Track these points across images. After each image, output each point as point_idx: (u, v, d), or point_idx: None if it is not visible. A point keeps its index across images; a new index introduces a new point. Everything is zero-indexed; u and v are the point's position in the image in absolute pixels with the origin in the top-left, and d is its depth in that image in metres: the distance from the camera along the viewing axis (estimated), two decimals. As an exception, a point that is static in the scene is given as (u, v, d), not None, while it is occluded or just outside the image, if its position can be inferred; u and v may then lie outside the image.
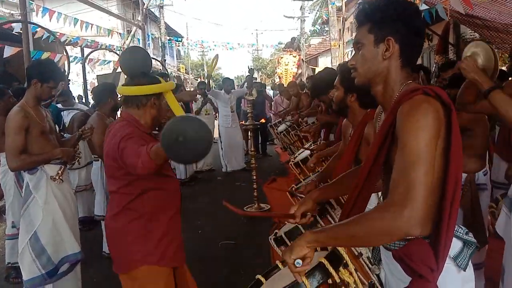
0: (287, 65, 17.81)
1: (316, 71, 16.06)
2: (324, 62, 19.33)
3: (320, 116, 4.07)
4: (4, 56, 5.91)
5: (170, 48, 23.58)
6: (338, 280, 1.12)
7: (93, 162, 4.34)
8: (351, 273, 1.18)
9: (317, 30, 23.91)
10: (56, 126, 4.12)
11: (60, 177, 2.98)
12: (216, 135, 11.81)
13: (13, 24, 6.72)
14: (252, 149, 6.02)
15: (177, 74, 25.79)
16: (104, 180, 4.00)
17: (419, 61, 9.92)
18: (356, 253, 1.70)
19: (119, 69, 9.25)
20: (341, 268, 1.16)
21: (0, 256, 4.38)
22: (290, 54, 17.90)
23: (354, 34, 1.54)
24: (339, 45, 14.02)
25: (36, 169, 2.90)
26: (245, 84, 8.90)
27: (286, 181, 7.31)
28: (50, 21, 7.33)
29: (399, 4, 1.34)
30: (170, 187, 2.22)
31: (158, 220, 2.14)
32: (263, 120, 7.09)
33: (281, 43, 21.63)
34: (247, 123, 5.99)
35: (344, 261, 1.17)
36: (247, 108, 5.99)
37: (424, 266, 1.23)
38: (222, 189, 7.28)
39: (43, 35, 6.85)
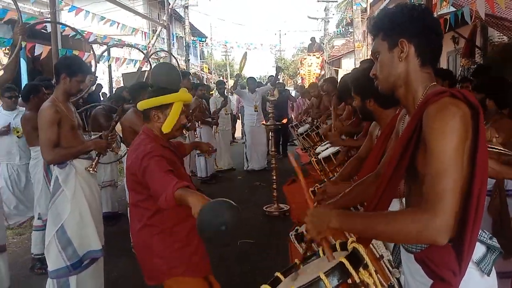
0: (310, 66, 17.76)
1: (339, 73, 15.98)
2: (347, 64, 19.16)
3: (335, 140, 3.71)
4: (35, 54, 6.08)
5: (194, 48, 23.80)
6: (357, 281, 1.12)
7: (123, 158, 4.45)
8: (370, 274, 1.17)
9: (341, 32, 23.71)
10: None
11: (95, 169, 3.07)
12: (238, 133, 11.94)
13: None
14: (273, 149, 6.03)
15: (200, 73, 26.01)
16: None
17: (444, 64, 9.75)
18: (378, 255, 1.69)
19: (144, 68, 9.39)
20: (361, 269, 1.15)
21: (26, 247, 4.51)
22: (314, 55, 17.83)
23: None
24: (363, 47, 13.89)
25: (65, 163, 2.98)
26: (269, 83, 8.94)
27: (306, 182, 7.27)
28: (75, 16, 7.50)
29: (405, 7, 1.38)
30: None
31: (178, 233, 2.19)
32: (284, 121, 7.07)
33: (302, 43, 21.53)
34: (268, 123, 6.00)
35: (365, 262, 1.17)
36: (269, 108, 6.00)
37: (447, 269, 1.22)
38: (242, 188, 7.31)
39: (69, 34, 7.02)
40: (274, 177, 5.75)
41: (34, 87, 4.21)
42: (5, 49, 9.26)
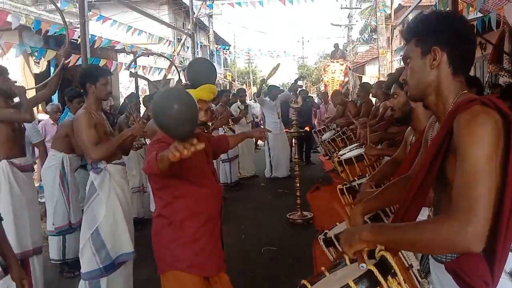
0: (334, 73, 17.67)
1: (363, 79, 15.82)
2: (371, 71, 18.99)
3: (370, 150, 3.43)
4: (67, 64, 6.26)
5: (218, 56, 24.04)
6: (386, 289, 1.11)
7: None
8: (399, 283, 1.17)
9: (364, 38, 23.56)
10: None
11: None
12: (259, 141, 11.96)
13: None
14: (296, 156, 6.01)
15: (223, 81, 26.23)
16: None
17: (471, 71, 9.56)
18: (407, 265, 1.67)
19: (169, 76, 9.55)
20: (389, 277, 1.15)
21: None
22: (337, 62, 17.75)
23: (403, 42, 1.57)
24: (387, 53, 13.75)
25: (100, 168, 3.09)
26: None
27: (329, 189, 7.24)
28: (102, 24, 7.70)
29: (440, 14, 1.37)
30: (202, 195, 2.23)
31: (187, 227, 2.19)
32: (307, 128, 7.06)
33: (324, 50, 21.47)
34: (291, 131, 6.00)
35: (393, 270, 1.16)
36: (293, 115, 6.00)
37: (479, 279, 1.21)
38: (265, 195, 7.32)
39: (94, 43, 7.21)
40: (298, 185, 5.74)
41: (76, 92, 4.34)
42: (34, 58, 9.59)
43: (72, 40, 7.21)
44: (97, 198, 3.07)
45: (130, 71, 7.88)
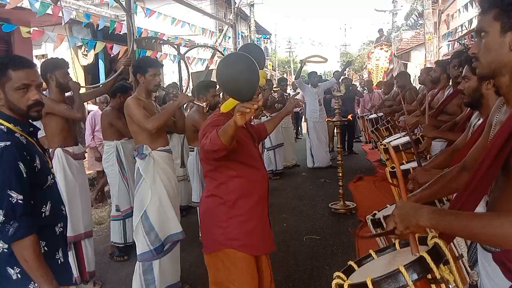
0: (378, 60, 17.22)
1: (408, 66, 15.34)
2: (417, 57, 18.35)
3: (429, 131, 3.20)
4: (112, 56, 6.51)
5: (259, 45, 24.03)
6: (438, 276, 1.09)
7: (189, 152, 4.64)
8: (451, 271, 1.14)
9: (410, 24, 22.74)
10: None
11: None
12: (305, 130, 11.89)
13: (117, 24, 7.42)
14: (339, 145, 5.94)
15: (264, 71, 26.16)
16: (199, 169, 4.26)
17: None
18: (457, 254, 1.62)
19: (211, 67, 9.65)
20: (441, 265, 1.13)
21: (105, 236, 4.85)
22: (382, 49, 17.27)
23: (450, 27, 1.44)
24: (434, 39, 13.21)
25: (145, 154, 3.23)
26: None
27: (372, 179, 7.13)
28: (148, 18, 7.88)
29: None
30: (253, 177, 2.29)
31: (240, 207, 2.23)
32: (350, 117, 6.93)
33: (368, 36, 20.93)
34: (334, 119, 5.92)
35: (445, 258, 1.14)
36: (335, 104, 5.90)
37: None
38: (307, 185, 7.29)
39: (141, 35, 7.41)
40: (340, 174, 5.67)
41: (123, 87, 4.52)
42: (85, 50, 9.99)
43: (118, 33, 7.47)
44: (143, 183, 3.21)
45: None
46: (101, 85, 4.30)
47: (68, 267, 1.98)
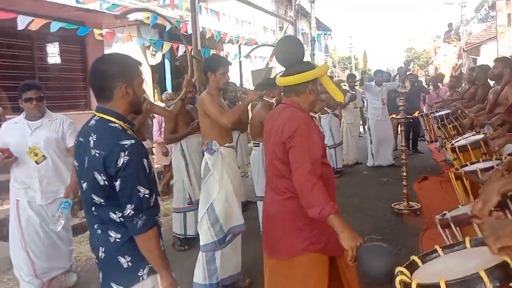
0: (446, 55, 16.35)
1: (478, 61, 14.43)
2: (487, 51, 17.18)
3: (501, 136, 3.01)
4: (178, 56, 6.77)
5: (319, 42, 23.75)
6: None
7: (253, 148, 4.72)
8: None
9: (481, 16, 21.35)
10: None
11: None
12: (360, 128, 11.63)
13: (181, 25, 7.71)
14: (403, 144, 5.75)
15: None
16: (264, 164, 4.33)
17: None
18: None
19: (270, 64, 9.73)
20: None
21: (169, 227, 5.06)
22: (450, 43, 16.40)
23: None
24: (507, 31, 12.33)
25: (214, 150, 3.35)
26: (397, 77, 8.53)
27: (438, 179, 6.82)
28: (211, 16, 8.06)
29: None
30: (329, 174, 2.23)
31: None
32: (416, 114, 6.67)
33: (434, 32, 19.96)
34: (398, 117, 5.73)
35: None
36: (400, 101, 5.72)
37: None
38: (368, 184, 7.14)
39: (204, 35, 7.63)
40: (404, 174, 5.49)
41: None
42: (152, 50, 10.46)
43: (184, 33, 7.75)
44: (211, 177, 3.33)
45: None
46: (171, 106, 4.51)
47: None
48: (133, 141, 1.73)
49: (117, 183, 1.69)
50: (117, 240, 1.78)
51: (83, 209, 3.15)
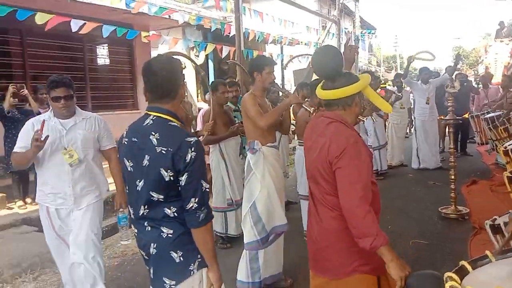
0: (497, 54, 15.61)
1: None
2: (544, 50, 16.21)
3: None
4: (223, 56, 6.87)
5: (362, 41, 23.32)
6: None
7: (297, 147, 4.72)
8: None
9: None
10: None
11: None
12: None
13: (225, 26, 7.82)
14: (451, 146, 5.54)
15: (368, 67, 25.40)
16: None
17: None
18: None
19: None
20: None
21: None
22: (502, 42, 15.63)
23: None
24: None
25: (256, 149, 3.39)
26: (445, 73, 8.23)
27: (488, 184, 6.54)
28: (255, 18, 8.12)
29: None
30: (375, 193, 2.09)
31: None
32: (466, 115, 6.40)
33: (485, 28, 19.06)
34: (446, 118, 5.53)
35: None
36: (449, 101, 5.51)
37: None
38: (414, 186, 6.94)
39: (247, 36, 7.69)
40: (452, 177, 5.29)
41: (212, 84, 4.77)
42: (196, 51, 10.67)
43: (227, 35, 7.86)
44: (253, 176, 3.37)
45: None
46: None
47: None
48: (196, 139, 1.81)
49: (183, 178, 1.77)
50: (169, 235, 1.84)
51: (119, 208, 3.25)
